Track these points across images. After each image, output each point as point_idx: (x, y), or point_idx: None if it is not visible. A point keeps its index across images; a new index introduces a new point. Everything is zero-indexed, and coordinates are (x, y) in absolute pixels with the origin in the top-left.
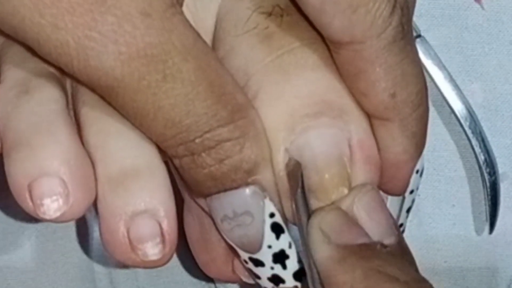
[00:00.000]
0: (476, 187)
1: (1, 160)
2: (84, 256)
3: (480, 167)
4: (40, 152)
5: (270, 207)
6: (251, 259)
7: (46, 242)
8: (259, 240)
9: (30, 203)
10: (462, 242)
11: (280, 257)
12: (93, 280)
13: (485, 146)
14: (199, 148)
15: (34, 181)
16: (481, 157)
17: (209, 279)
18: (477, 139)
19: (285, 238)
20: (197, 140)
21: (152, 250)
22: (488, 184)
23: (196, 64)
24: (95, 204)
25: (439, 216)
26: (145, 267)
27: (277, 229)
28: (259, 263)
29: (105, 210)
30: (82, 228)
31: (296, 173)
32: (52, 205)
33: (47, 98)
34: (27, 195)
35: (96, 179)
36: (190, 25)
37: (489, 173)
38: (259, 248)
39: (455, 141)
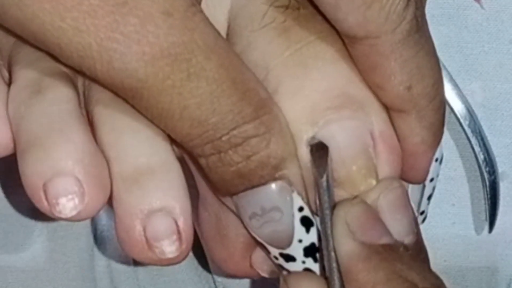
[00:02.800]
0: (475, 186)
1: (7, 158)
2: (85, 255)
3: (479, 167)
4: (54, 152)
5: (298, 201)
6: (281, 254)
7: (47, 242)
8: (289, 235)
9: (46, 203)
10: (462, 241)
11: (311, 251)
12: (94, 279)
13: (484, 145)
14: (226, 146)
15: (49, 181)
16: (481, 157)
17: (208, 272)
18: (476, 138)
19: (314, 231)
20: (223, 138)
21: (169, 248)
22: (487, 183)
23: (219, 62)
24: (109, 203)
25: (439, 215)
26: (161, 265)
27: (306, 223)
28: (290, 258)
29: (121, 209)
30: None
31: (320, 155)
32: (67, 204)
33: (59, 98)
34: (42, 195)
35: (110, 178)
36: (210, 23)
37: (489, 172)
38: (289, 243)
39: (455, 140)
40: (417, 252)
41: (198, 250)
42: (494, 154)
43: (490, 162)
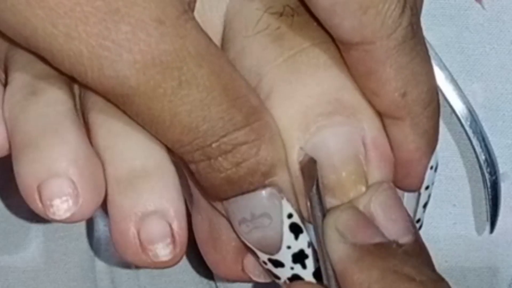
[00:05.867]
0: (476, 187)
1: (4, 160)
2: (85, 256)
3: (480, 167)
4: (48, 153)
5: (287, 207)
6: (270, 260)
7: (47, 242)
8: (278, 241)
9: (40, 204)
10: (463, 242)
11: (299, 257)
12: (94, 279)
13: (485, 146)
14: (216, 153)
15: (43, 182)
16: (482, 157)
17: (211, 277)
18: (477, 139)
19: (303, 238)
20: (213, 145)
21: (163, 251)
22: (488, 184)
23: (210, 69)
24: (103, 205)
25: (440, 216)
26: (155, 268)
27: (295, 230)
28: (278, 264)
29: (115, 212)
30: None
31: (310, 169)
32: (61, 206)
33: (54, 99)
34: (37, 196)
35: (105, 180)
36: (202, 30)
37: (490, 173)
38: (278, 249)
39: (456, 141)
40: (415, 251)
41: (196, 255)
42: (495, 154)
43: (491, 162)
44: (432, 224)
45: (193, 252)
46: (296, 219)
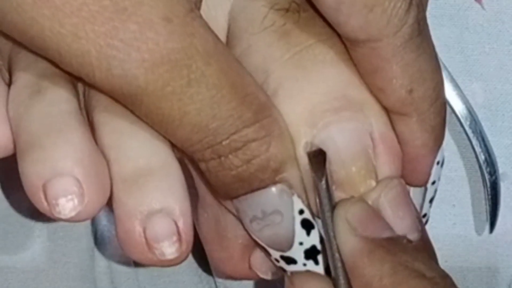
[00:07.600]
0: (476, 187)
1: (3, 159)
2: (85, 256)
3: (480, 167)
4: (53, 152)
5: (298, 204)
6: (282, 257)
7: (46, 242)
8: (290, 238)
9: (45, 204)
10: (463, 242)
11: (312, 253)
12: (94, 280)
13: (485, 146)
14: (226, 150)
15: (49, 181)
16: (482, 157)
17: (209, 274)
18: (477, 139)
19: (315, 233)
20: (224, 143)
21: (169, 249)
22: (488, 184)
23: (218, 67)
24: (108, 203)
25: (440, 216)
26: (161, 266)
27: (307, 225)
28: (291, 261)
29: (121, 210)
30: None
31: (319, 163)
32: (67, 205)
33: (59, 98)
34: (42, 196)
35: (110, 179)
36: (209, 28)
37: (490, 173)
38: (290, 246)
39: (456, 141)
40: (422, 248)
41: (198, 252)
42: (495, 154)
43: (490, 162)
44: (432, 224)
45: (195, 249)
46: (307, 215)
